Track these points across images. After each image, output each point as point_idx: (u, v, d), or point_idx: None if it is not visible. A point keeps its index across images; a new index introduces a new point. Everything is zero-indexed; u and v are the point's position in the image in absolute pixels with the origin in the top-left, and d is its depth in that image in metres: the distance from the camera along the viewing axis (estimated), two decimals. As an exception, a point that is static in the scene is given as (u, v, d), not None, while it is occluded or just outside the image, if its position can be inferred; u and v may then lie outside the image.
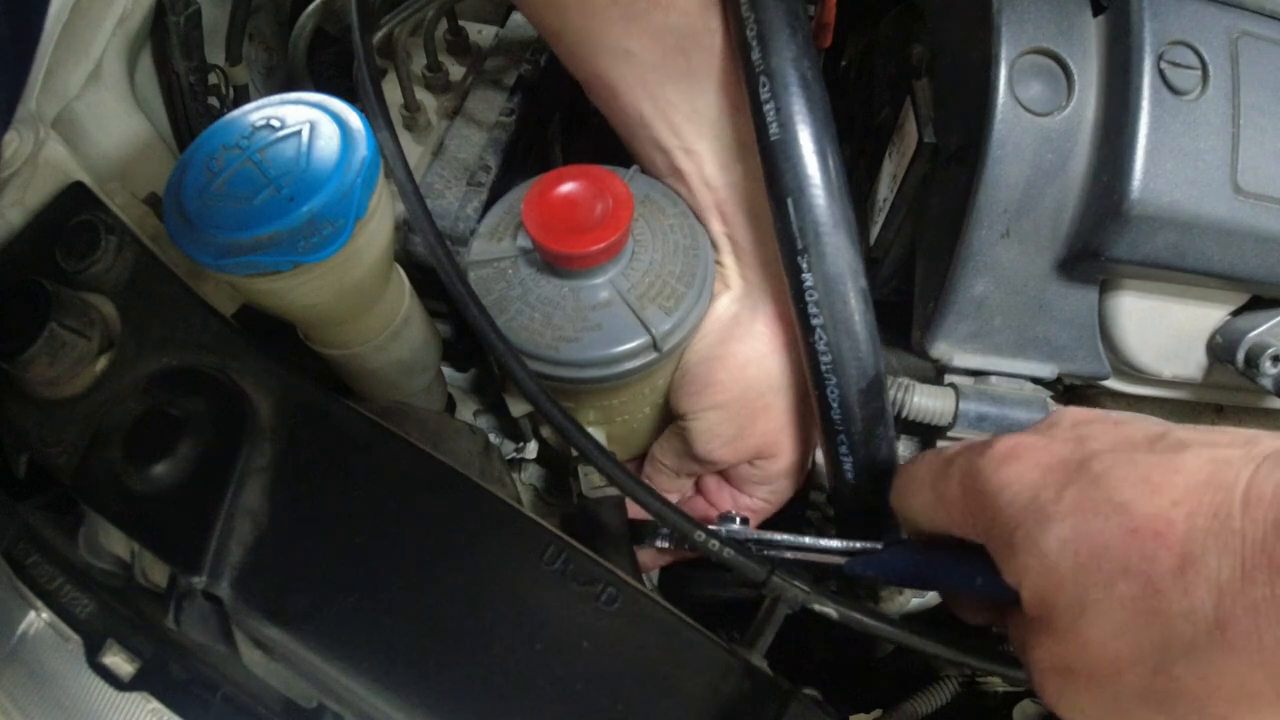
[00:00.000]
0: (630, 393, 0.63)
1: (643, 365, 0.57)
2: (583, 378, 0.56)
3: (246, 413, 0.49)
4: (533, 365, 0.55)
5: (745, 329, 0.58)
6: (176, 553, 0.46)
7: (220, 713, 0.49)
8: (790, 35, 0.46)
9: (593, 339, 0.55)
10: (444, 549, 0.48)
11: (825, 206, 0.46)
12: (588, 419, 0.66)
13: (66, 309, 0.49)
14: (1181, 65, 0.53)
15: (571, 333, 0.55)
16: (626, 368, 0.56)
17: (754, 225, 0.57)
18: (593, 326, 0.55)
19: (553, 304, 0.56)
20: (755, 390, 0.58)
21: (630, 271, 0.57)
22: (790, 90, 0.46)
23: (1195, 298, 0.62)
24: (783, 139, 0.47)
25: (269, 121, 0.50)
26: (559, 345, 0.55)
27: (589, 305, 0.56)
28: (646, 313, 0.55)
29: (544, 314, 0.56)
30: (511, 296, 0.57)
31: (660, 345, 0.56)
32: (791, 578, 0.50)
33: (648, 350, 0.56)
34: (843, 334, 0.48)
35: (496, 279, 0.58)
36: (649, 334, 0.55)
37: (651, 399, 0.66)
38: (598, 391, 0.60)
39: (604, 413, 0.65)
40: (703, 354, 0.60)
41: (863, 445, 0.54)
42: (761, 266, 0.58)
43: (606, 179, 0.55)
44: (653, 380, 0.63)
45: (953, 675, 0.91)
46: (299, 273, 0.48)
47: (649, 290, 0.56)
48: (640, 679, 0.46)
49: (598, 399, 0.63)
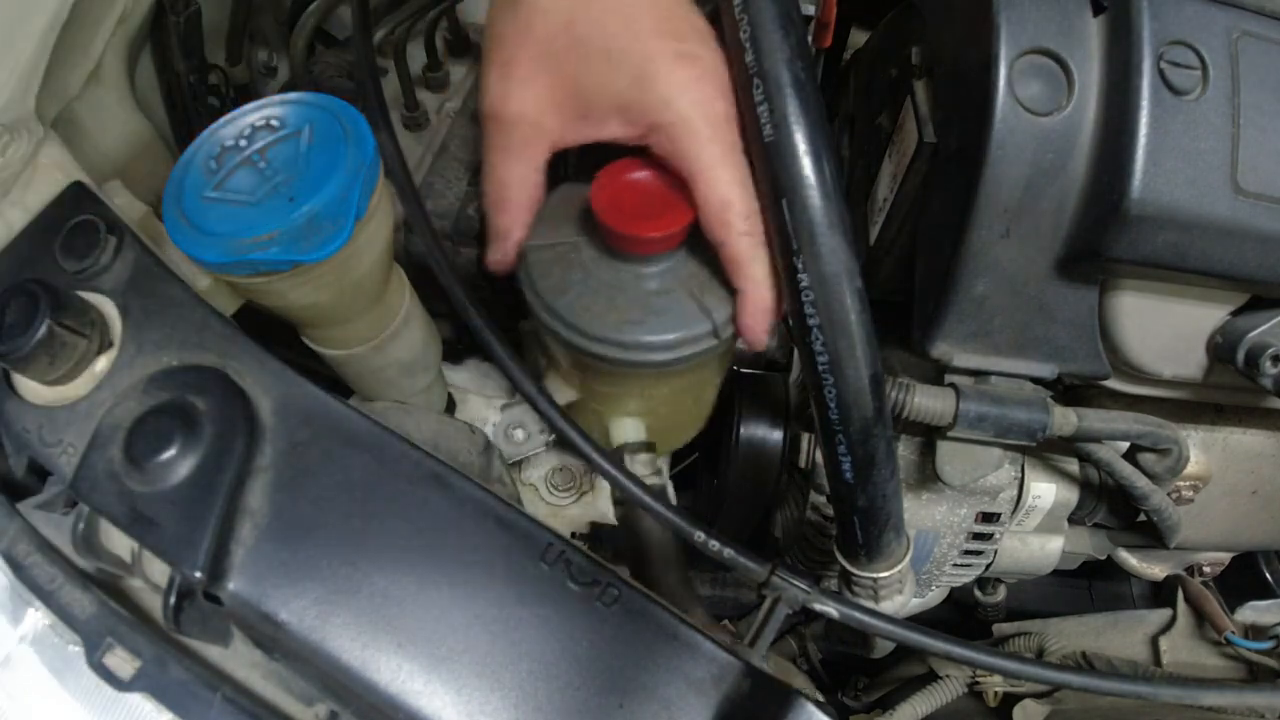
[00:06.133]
0: (678, 382, 0.63)
1: (703, 351, 0.57)
2: (643, 360, 0.57)
3: (246, 413, 0.49)
4: (596, 348, 0.56)
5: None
6: (177, 552, 0.46)
7: (220, 713, 0.49)
8: (784, 37, 0.46)
9: (656, 323, 0.56)
10: (444, 549, 0.48)
11: (820, 207, 0.46)
12: (629, 409, 0.66)
13: (66, 309, 0.49)
14: (1181, 65, 0.53)
15: (637, 316, 0.56)
16: (688, 352, 0.57)
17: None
18: (656, 311, 0.56)
19: (616, 288, 0.57)
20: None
21: (689, 260, 0.58)
22: (784, 92, 0.46)
23: (1195, 298, 0.62)
24: (776, 140, 0.47)
25: (269, 121, 0.50)
26: (622, 328, 0.56)
27: (651, 291, 0.57)
28: (707, 299, 0.56)
29: (607, 297, 0.57)
30: (573, 280, 0.57)
31: (720, 333, 0.56)
32: (791, 577, 0.50)
33: (708, 337, 0.57)
34: (839, 334, 0.48)
35: (556, 262, 0.58)
36: (710, 321, 0.56)
37: (695, 391, 0.66)
38: (648, 378, 0.61)
39: (648, 402, 0.65)
40: None
41: (861, 445, 0.54)
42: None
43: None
44: (702, 370, 0.63)
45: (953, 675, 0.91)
46: (299, 273, 0.48)
47: (708, 279, 0.57)
48: (640, 679, 0.46)
49: (646, 386, 0.63)
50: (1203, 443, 0.75)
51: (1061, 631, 0.93)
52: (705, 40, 0.52)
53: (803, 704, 0.45)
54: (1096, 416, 0.65)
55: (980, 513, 0.75)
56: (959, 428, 0.62)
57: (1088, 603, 1.11)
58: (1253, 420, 0.77)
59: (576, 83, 0.54)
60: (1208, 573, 0.95)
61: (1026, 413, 0.62)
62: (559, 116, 0.55)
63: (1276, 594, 0.97)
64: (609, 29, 0.52)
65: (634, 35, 0.52)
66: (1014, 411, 0.62)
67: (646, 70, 0.51)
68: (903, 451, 0.71)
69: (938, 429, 0.64)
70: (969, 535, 0.76)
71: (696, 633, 0.47)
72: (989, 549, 0.78)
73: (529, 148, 0.56)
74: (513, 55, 0.54)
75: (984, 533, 0.76)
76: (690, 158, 0.52)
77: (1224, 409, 0.76)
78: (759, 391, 0.84)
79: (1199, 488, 0.76)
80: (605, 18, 0.52)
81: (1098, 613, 0.95)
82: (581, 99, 0.54)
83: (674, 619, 0.47)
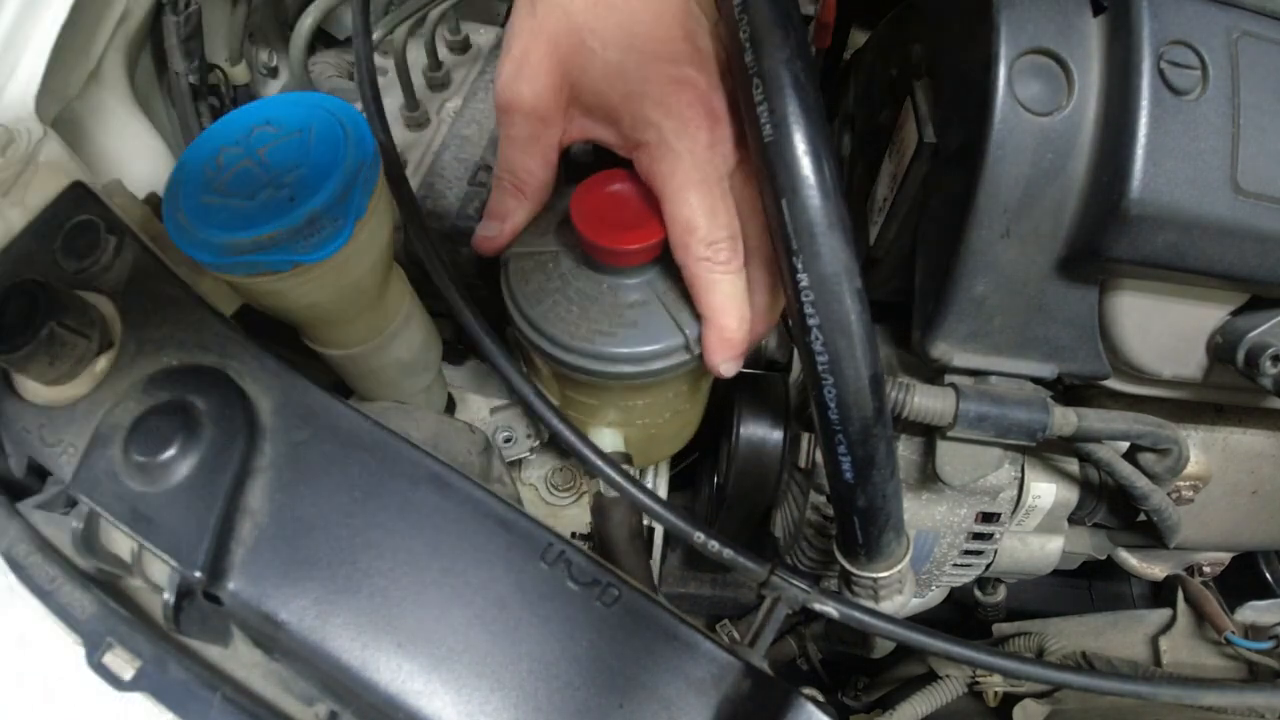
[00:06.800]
0: (655, 395, 0.63)
1: (674, 365, 0.58)
2: (615, 372, 0.57)
3: (246, 413, 0.49)
4: (566, 357, 0.57)
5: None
6: (177, 552, 0.46)
7: (220, 713, 0.49)
8: (783, 37, 0.46)
9: (628, 335, 0.56)
10: (444, 549, 0.48)
11: (819, 207, 0.46)
12: (608, 419, 0.66)
13: (66, 309, 0.49)
14: (1181, 65, 0.53)
15: (607, 327, 0.57)
16: (658, 366, 0.57)
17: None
18: (628, 324, 0.57)
19: (590, 298, 0.58)
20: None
21: (667, 274, 0.58)
22: (783, 92, 0.46)
23: (1195, 297, 0.62)
24: (776, 140, 0.47)
25: (269, 121, 0.50)
26: (594, 338, 0.56)
27: (626, 303, 0.57)
28: (681, 315, 0.57)
29: (581, 307, 0.57)
30: (550, 288, 0.58)
31: (693, 348, 0.57)
32: (791, 577, 0.50)
33: (680, 351, 0.57)
34: (839, 334, 0.48)
35: (536, 270, 0.59)
36: (683, 335, 0.56)
37: (674, 405, 0.66)
38: (623, 390, 0.61)
39: (625, 414, 0.66)
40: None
41: (861, 445, 0.54)
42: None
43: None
44: (678, 385, 0.63)
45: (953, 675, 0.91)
46: (299, 273, 0.48)
47: (684, 294, 0.57)
48: (640, 679, 0.46)
49: (622, 398, 0.63)
50: (1203, 443, 0.75)
51: (1061, 631, 0.93)
52: (704, 64, 0.53)
53: (803, 704, 0.45)
54: (1096, 416, 0.65)
55: (980, 513, 0.75)
56: (959, 428, 0.62)
57: (1088, 603, 1.11)
58: (1253, 420, 0.77)
59: (579, 84, 0.55)
60: (1208, 573, 0.95)
61: (1026, 413, 0.62)
62: (563, 112, 0.57)
63: (1276, 594, 0.97)
64: (615, 42, 0.53)
65: (635, 53, 0.53)
66: (1014, 411, 0.62)
67: (638, 90, 0.53)
68: (903, 451, 0.71)
69: (938, 429, 0.64)
70: (969, 535, 0.76)
71: (696, 633, 0.47)
72: (989, 549, 0.78)
73: (535, 138, 0.58)
74: (526, 49, 0.55)
75: (984, 533, 0.76)
76: (663, 178, 0.53)
77: (1224, 409, 0.76)
78: (759, 391, 0.84)
79: (1199, 488, 0.76)
80: (613, 30, 0.53)
81: (1098, 613, 0.95)
82: (581, 101, 0.56)
83: (674, 619, 0.47)
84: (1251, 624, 0.92)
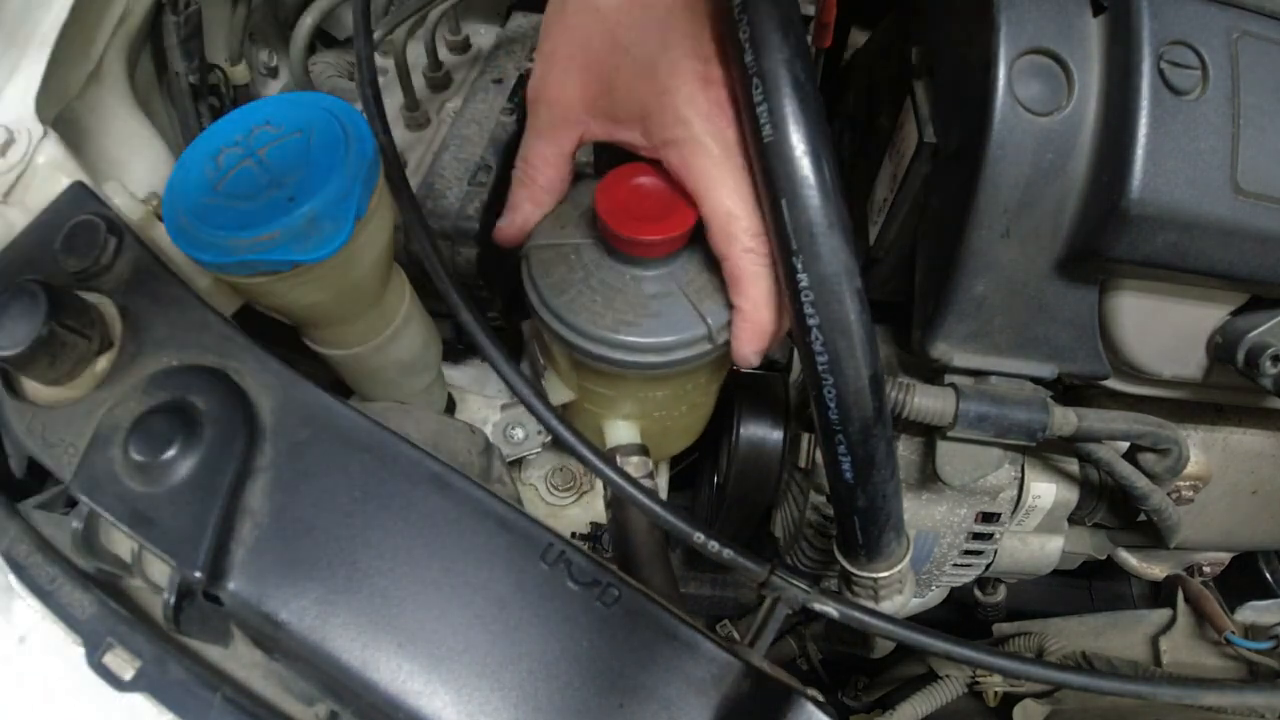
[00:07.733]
0: (674, 386, 0.64)
1: (697, 355, 0.58)
2: (639, 362, 0.57)
3: (247, 413, 0.49)
4: (590, 347, 0.57)
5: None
6: (177, 552, 0.46)
7: (220, 713, 0.49)
8: (783, 37, 0.46)
9: (652, 326, 0.57)
10: (444, 549, 0.48)
11: (819, 208, 0.46)
12: (624, 412, 0.67)
13: (66, 309, 0.49)
14: (1181, 65, 0.53)
15: (631, 318, 0.57)
16: (681, 356, 0.57)
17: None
18: (652, 314, 0.57)
19: (614, 289, 0.58)
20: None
21: (689, 266, 0.58)
22: (783, 92, 0.46)
23: (1195, 298, 0.62)
24: (775, 140, 0.47)
25: (269, 121, 0.50)
26: (619, 328, 0.57)
27: (649, 294, 0.58)
28: (704, 305, 0.57)
29: (605, 298, 0.58)
30: (573, 279, 0.58)
31: (715, 338, 0.57)
32: (791, 577, 0.50)
33: (703, 341, 0.57)
34: (839, 334, 0.48)
35: (558, 262, 0.59)
36: (706, 325, 0.57)
37: (691, 397, 0.66)
38: (643, 381, 0.61)
39: (642, 405, 0.66)
40: None
41: (861, 445, 0.54)
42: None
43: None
44: (697, 376, 0.64)
45: (953, 675, 0.91)
46: (299, 272, 0.48)
47: (706, 285, 0.58)
48: (640, 679, 0.46)
49: (641, 389, 0.64)
50: (1203, 443, 0.75)
51: (1061, 631, 0.93)
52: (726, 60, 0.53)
53: (803, 704, 0.45)
54: (1096, 416, 0.65)
55: (980, 513, 0.75)
56: (959, 428, 0.62)
57: (1088, 603, 1.11)
58: (1253, 420, 0.77)
59: (608, 83, 0.56)
60: (1208, 573, 0.95)
61: (1026, 413, 0.62)
62: (589, 110, 0.57)
63: (1276, 594, 0.97)
64: (646, 39, 0.53)
65: (666, 50, 0.53)
66: (1014, 411, 0.62)
67: (670, 86, 0.53)
68: (903, 451, 0.71)
69: (938, 429, 0.64)
70: (969, 535, 0.76)
71: (696, 633, 0.47)
72: (989, 549, 0.78)
73: (558, 133, 0.59)
74: (556, 46, 0.56)
75: (984, 533, 0.76)
76: (699, 173, 0.53)
77: (1224, 409, 0.76)
78: (759, 391, 0.84)
79: (1199, 488, 0.77)
80: (645, 28, 0.53)
81: (1098, 613, 0.95)
82: (611, 99, 0.56)
83: (674, 619, 0.47)
84: (1251, 624, 0.92)
